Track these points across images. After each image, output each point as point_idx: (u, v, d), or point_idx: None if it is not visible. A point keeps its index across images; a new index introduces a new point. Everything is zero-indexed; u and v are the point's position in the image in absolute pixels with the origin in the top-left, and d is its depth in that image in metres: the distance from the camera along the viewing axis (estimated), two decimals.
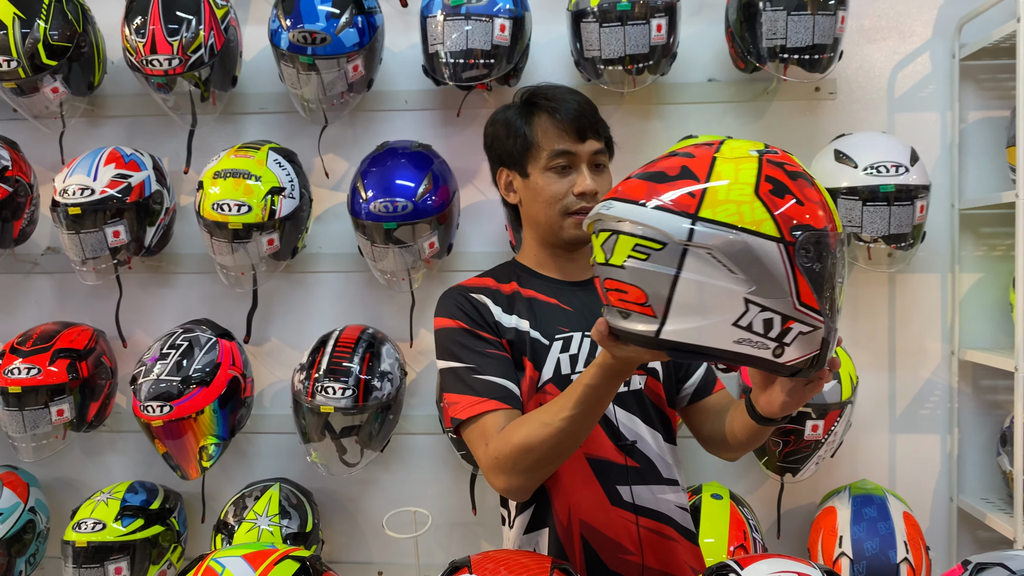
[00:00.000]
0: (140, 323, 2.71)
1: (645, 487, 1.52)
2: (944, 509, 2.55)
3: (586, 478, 1.50)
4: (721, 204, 1.11)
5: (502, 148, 1.58)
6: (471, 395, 1.45)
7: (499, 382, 1.46)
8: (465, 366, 1.47)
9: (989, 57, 2.47)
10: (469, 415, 1.44)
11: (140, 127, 2.69)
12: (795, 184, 1.13)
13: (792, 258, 1.10)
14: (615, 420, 1.52)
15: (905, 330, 2.56)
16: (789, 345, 1.12)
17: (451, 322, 1.52)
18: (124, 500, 2.44)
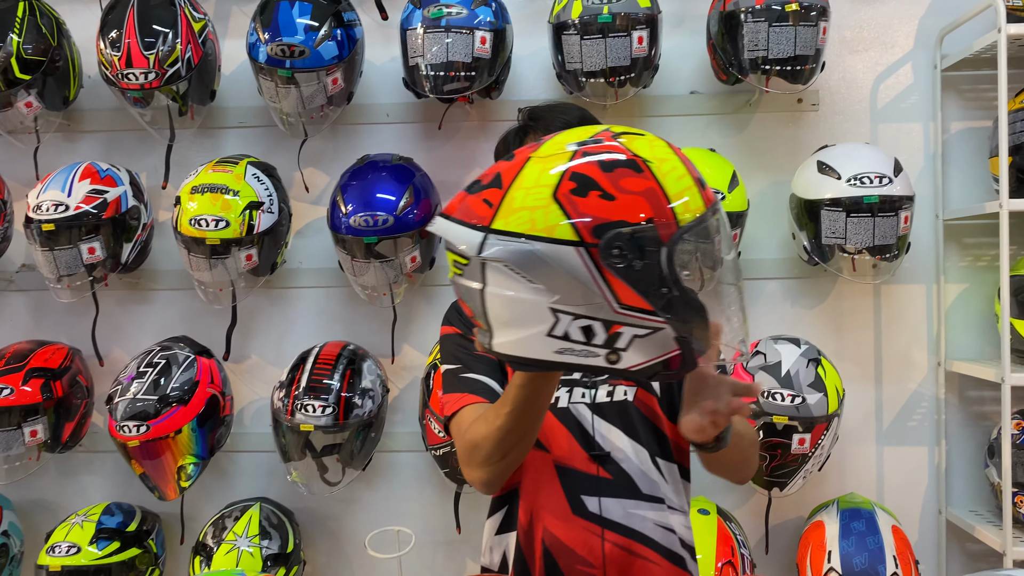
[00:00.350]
0: (117, 341, 2.66)
1: (616, 501, 1.48)
2: (932, 522, 2.53)
3: (550, 484, 1.49)
4: (515, 212, 1.08)
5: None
6: (456, 392, 1.48)
7: (481, 379, 1.47)
8: (455, 366, 1.52)
9: (970, 68, 2.47)
10: (452, 411, 1.47)
11: (117, 142, 2.66)
12: (609, 176, 1.07)
13: (597, 261, 1.06)
14: (591, 429, 1.51)
15: (891, 342, 2.55)
16: (626, 350, 1.08)
17: (449, 329, 1.57)
18: (100, 522, 2.38)
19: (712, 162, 2.31)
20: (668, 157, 1.12)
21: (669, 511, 1.52)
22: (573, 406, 1.52)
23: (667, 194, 1.08)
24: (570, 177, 1.08)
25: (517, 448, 1.37)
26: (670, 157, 1.12)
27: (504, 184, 1.11)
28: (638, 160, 1.09)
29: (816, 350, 2.29)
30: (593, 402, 1.52)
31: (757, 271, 2.52)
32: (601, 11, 2.22)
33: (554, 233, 1.06)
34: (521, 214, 1.07)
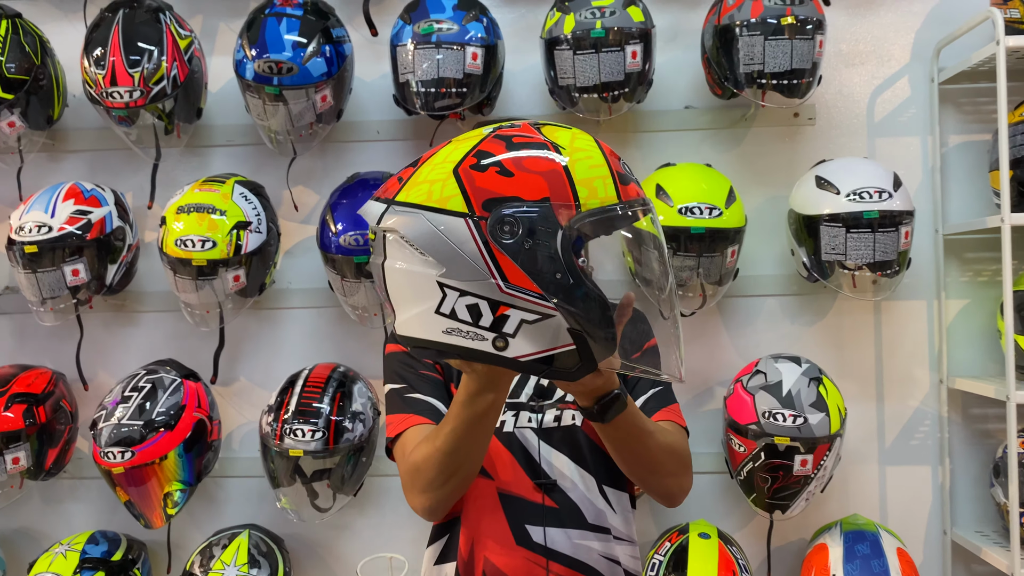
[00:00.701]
0: (103, 364, 2.60)
1: (562, 531, 1.44)
2: (937, 543, 2.48)
3: (493, 512, 1.44)
4: (417, 185, 1.08)
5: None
6: (399, 413, 1.45)
7: (425, 399, 1.44)
8: (397, 387, 1.48)
9: (968, 81, 2.44)
10: (395, 432, 1.44)
11: (102, 161, 2.61)
12: (513, 155, 1.06)
13: (486, 235, 1.03)
14: (537, 456, 1.46)
15: (892, 359, 2.50)
16: (513, 336, 1.05)
17: (393, 347, 1.53)
18: (84, 552, 2.32)
19: (709, 177, 2.28)
20: (586, 148, 1.10)
21: (616, 541, 1.49)
22: (519, 431, 1.48)
23: (572, 178, 1.05)
24: (474, 154, 1.07)
25: (460, 472, 1.33)
26: (588, 148, 1.10)
27: (419, 163, 1.13)
28: (548, 144, 1.08)
29: (817, 368, 2.25)
30: (540, 427, 1.48)
31: (755, 288, 2.47)
32: (594, 26, 2.18)
33: (447, 204, 1.05)
34: (421, 187, 1.08)
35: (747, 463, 2.20)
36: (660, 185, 2.23)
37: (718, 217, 2.17)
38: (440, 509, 1.40)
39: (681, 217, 2.16)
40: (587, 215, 1.05)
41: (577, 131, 1.14)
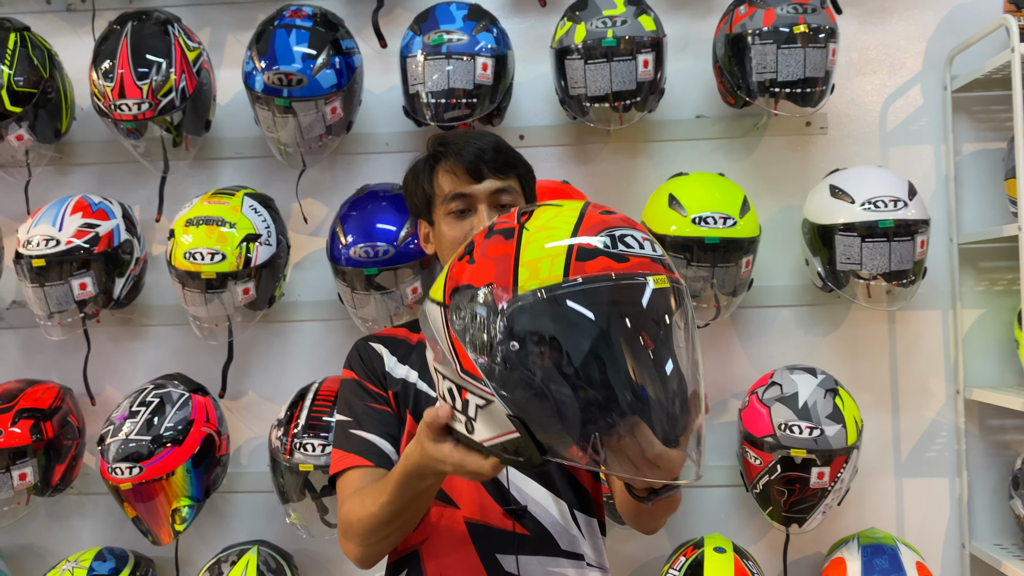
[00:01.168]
0: (110, 379, 2.58)
1: (535, 559, 1.40)
2: (956, 556, 2.44)
3: (461, 544, 1.39)
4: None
5: (411, 199, 1.56)
6: (342, 450, 1.43)
7: (369, 438, 1.41)
8: (345, 419, 1.46)
9: (982, 89, 2.42)
10: (335, 470, 1.42)
11: (110, 175, 2.60)
12: (485, 243, 1.08)
13: (447, 320, 1.06)
14: (506, 482, 1.42)
15: (907, 369, 2.47)
16: (475, 420, 1.05)
17: (347, 372, 1.51)
18: (91, 569, 2.29)
19: (722, 187, 2.26)
20: (555, 227, 1.06)
21: (588, 568, 1.44)
22: None
23: (518, 260, 1.03)
24: (467, 245, 1.10)
25: (394, 534, 1.31)
26: (560, 225, 1.06)
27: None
28: (516, 227, 1.08)
29: (833, 380, 2.22)
30: None
31: (769, 299, 2.45)
32: (605, 35, 2.17)
33: (435, 295, 1.10)
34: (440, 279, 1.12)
35: (763, 476, 2.17)
36: (673, 195, 2.21)
37: (732, 227, 2.15)
38: (371, 561, 1.37)
39: (695, 227, 2.14)
40: (519, 299, 1.00)
41: (572, 205, 1.12)
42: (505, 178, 1.46)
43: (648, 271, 1.02)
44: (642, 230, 1.09)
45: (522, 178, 1.50)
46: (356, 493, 1.33)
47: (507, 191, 1.46)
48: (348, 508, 1.33)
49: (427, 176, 1.50)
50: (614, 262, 1.01)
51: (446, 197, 1.45)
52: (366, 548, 1.33)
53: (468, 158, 1.44)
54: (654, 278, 1.01)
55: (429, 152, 1.51)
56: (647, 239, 1.07)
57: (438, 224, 1.48)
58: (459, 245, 1.38)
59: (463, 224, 1.44)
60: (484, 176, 1.44)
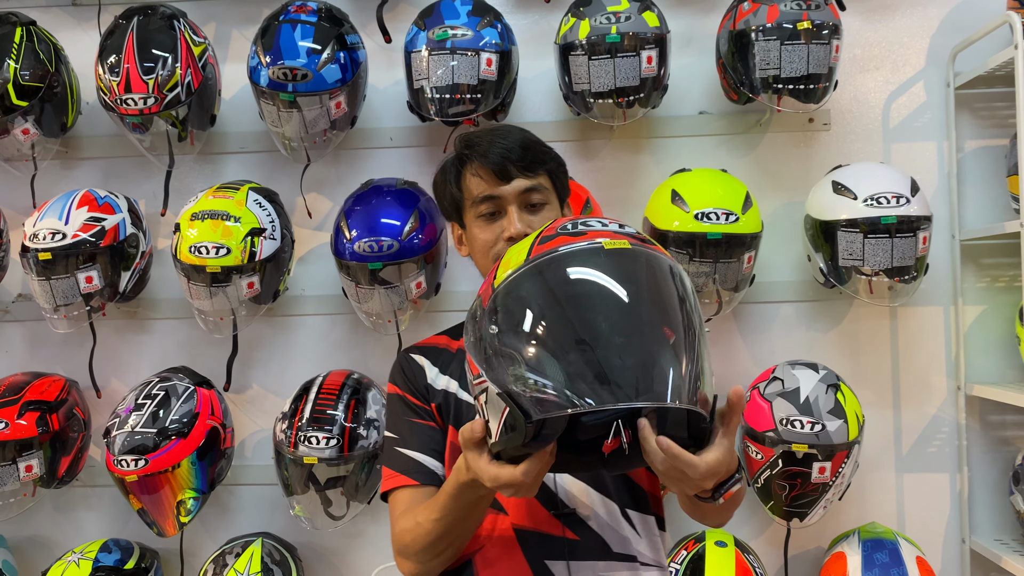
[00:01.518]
0: (115, 372, 2.59)
1: (586, 563, 1.36)
2: (956, 551, 2.45)
3: (511, 551, 1.37)
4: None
5: (441, 202, 1.55)
6: (390, 468, 1.44)
7: (415, 456, 1.41)
8: (391, 436, 1.46)
9: (984, 86, 2.42)
10: (384, 489, 1.43)
11: (115, 169, 2.61)
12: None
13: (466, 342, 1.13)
14: (554, 486, 1.39)
15: (909, 365, 2.48)
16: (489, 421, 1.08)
17: (392, 388, 1.51)
18: (97, 560, 2.31)
19: (725, 183, 2.26)
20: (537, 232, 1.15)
21: (644, 568, 1.41)
22: None
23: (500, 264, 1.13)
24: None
25: (449, 550, 1.31)
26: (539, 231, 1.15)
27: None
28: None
29: (835, 375, 2.23)
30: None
31: (771, 294, 2.46)
32: (609, 31, 2.18)
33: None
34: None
35: (764, 471, 2.18)
36: (676, 191, 2.22)
37: (735, 223, 2.16)
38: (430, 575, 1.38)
39: (697, 223, 2.15)
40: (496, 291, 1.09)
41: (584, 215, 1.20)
42: (534, 176, 1.43)
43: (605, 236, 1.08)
44: (618, 221, 1.14)
45: (552, 174, 1.47)
46: (408, 512, 1.33)
47: (536, 190, 1.43)
48: (401, 527, 1.34)
49: (455, 179, 1.48)
50: (570, 238, 1.08)
51: (475, 200, 1.44)
52: (423, 565, 1.33)
53: (494, 159, 1.41)
54: (607, 241, 1.06)
55: (455, 154, 1.49)
56: (617, 222, 1.12)
57: (469, 227, 1.47)
58: (491, 248, 1.44)
59: (494, 226, 1.43)
60: (512, 176, 1.42)
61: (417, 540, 1.30)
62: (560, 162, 1.50)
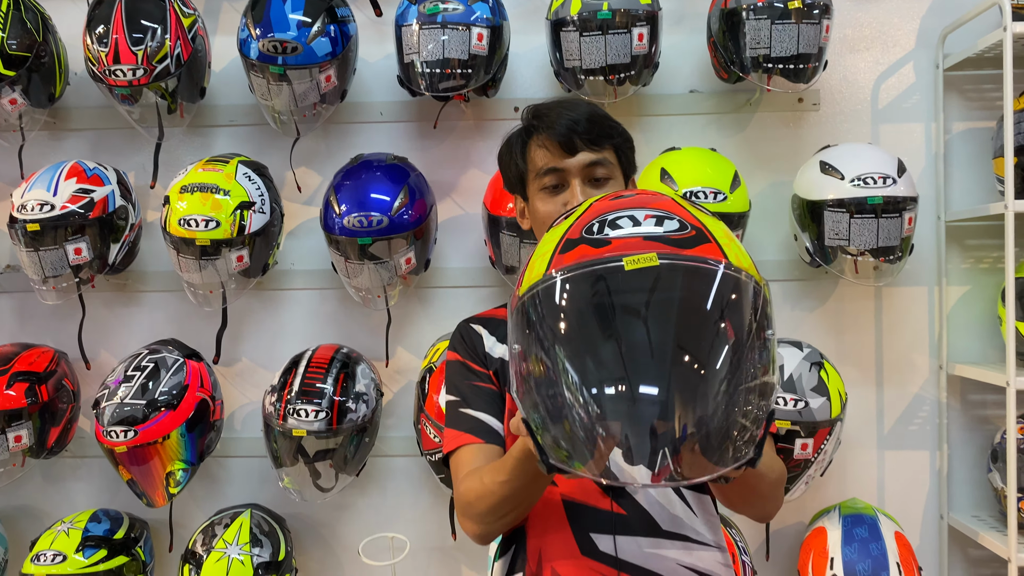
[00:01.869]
0: (104, 343, 2.60)
1: (632, 539, 1.33)
2: (934, 527, 2.50)
3: (558, 522, 1.35)
4: None
5: (506, 174, 1.52)
6: (454, 429, 1.41)
7: (478, 416, 1.39)
8: (454, 399, 1.44)
9: (973, 67, 2.44)
10: (448, 449, 1.41)
11: (104, 140, 2.60)
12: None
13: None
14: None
15: (892, 344, 2.51)
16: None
17: (452, 355, 1.48)
18: (86, 530, 2.33)
19: (714, 162, 2.28)
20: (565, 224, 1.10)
21: (698, 547, 1.36)
22: None
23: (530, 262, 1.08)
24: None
25: (514, 512, 1.30)
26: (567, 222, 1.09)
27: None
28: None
29: (819, 354, 2.26)
30: None
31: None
32: (601, 7, 2.18)
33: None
34: None
35: None
36: (665, 169, 2.23)
37: (723, 202, 2.17)
38: (492, 537, 1.35)
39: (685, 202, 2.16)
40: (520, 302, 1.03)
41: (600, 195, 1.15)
42: (600, 150, 1.41)
43: (630, 251, 0.95)
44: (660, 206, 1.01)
45: (618, 149, 1.45)
46: (474, 472, 1.32)
47: (601, 164, 1.41)
48: (467, 487, 1.31)
49: (520, 151, 1.46)
50: (592, 248, 0.97)
51: (539, 172, 1.42)
52: (485, 526, 1.31)
53: (560, 131, 1.40)
54: (631, 258, 0.94)
55: (523, 125, 1.48)
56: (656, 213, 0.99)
57: (532, 199, 1.45)
58: (550, 220, 1.36)
59: (556, 199, 1.41)
60: (577, 149, 1.40)
61: (482, 500, 1.28)
62: (627, 137, 1.48)
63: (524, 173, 1.46)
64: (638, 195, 1.09)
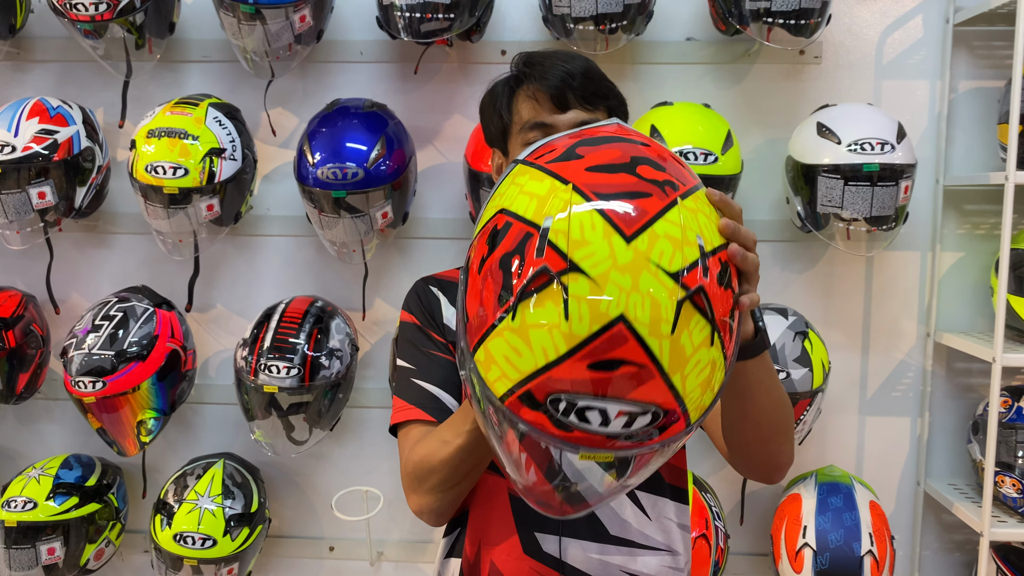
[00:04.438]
0: (75, 286, 2.54)
1: (578, 542, 1.27)
2: (910, 493, 2.49)
3: (502, 515, 1.29)
4: None
5: (487, 125, 1.39)
6: (404, 400, 1.33)
7: (430, 389, 1.31)
8: (407, 366, 1.35)
9: (985, 23, 2.31)
10: (396, 420, 1.33)
11: (71, 73, 2.48)
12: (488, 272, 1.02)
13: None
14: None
15: (880, 310, 2.46)
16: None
17: (407, 316, 1.39)
18: (57, 477, 2.31)
19: (706, 120, 2.17)
20: (536, 339, 0.97)
21: (646, 552, 1.31)
22: None
23: (487, 335, 0.99)
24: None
25: (473, 472, 1.23)
26: (542, 338, 0.97)
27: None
28: (512, 300, 0.96)
29: (804, 322, 2.20)
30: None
31: None
32: None
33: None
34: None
35: None
36: (655, 126, 2.13)
37: (714, 163, 2.08)
38: (448, 512, 1.30)
39: None
40: (471, 366, 1.00)
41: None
42: (593, 110, 1.29)
43: (590, 447, 0.89)
44: (634, 357, 0.86)
45: (613, 111, 1.33)
46: (426, 439, 1.24)
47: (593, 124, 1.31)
48: (418, 457, 1.23)
49: (506, 101, 1.33)
50: (551, 426, 0.89)
51: (524, 125, 1.30)
52: (442, 494, 1.24)
53: (553, 83, 1.28)
54: (587, 454, 0.90)
55: (512, 73, 1.35)
56: (629, 412, 0.87)
57: (512, 155, 1.32)
58: None
59: None
60: (570, 105, 1.28)
61: (445, 461, 1.19)
62: (623, 101, 1.36)
63: (508, 125, 1.33)
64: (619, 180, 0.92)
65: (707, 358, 0.89)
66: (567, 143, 0.99)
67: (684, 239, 0.88)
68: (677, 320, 0.85)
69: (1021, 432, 2.18)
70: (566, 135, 1.03)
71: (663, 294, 0.85)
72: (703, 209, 0.94)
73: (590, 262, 0.85)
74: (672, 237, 0.87)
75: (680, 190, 0.93)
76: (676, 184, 0.93)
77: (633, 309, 0.84)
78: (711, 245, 0.92)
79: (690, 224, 0.90)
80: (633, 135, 1.01)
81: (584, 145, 0.97)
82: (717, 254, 0.92)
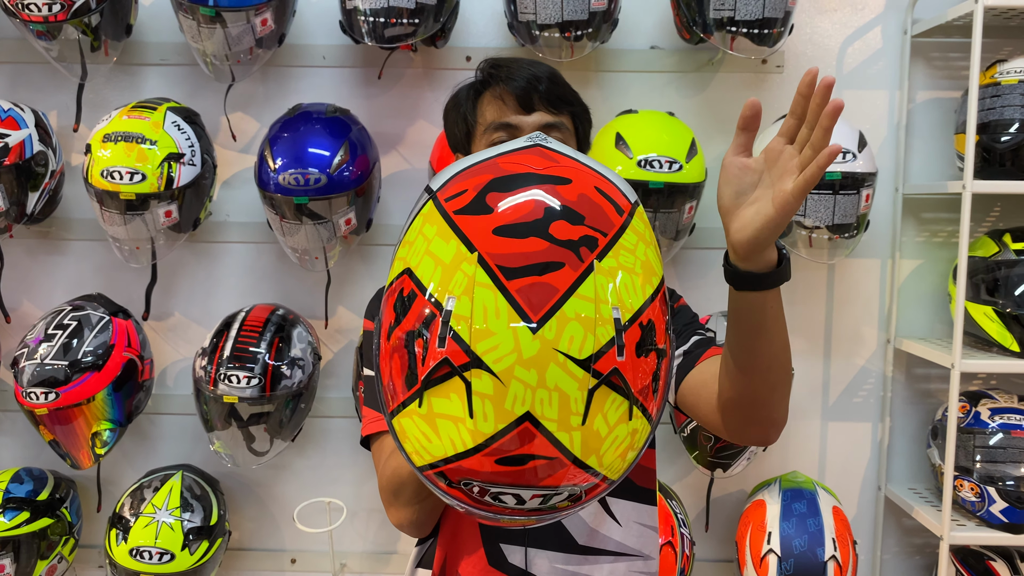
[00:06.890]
0: (27, 293, 2.47)
1: (544, 553, 1.25)
2: (872, 498, 2.52)
3: (469, 526, 1.27)
4: None
5: (451, 130, 1.37)
6: (375, 410, 1.29)
7: None
8: (373, 375, 1.32)
9: (942, 35, 2.35)
10: (368, 432, 1.29)
11: (23, 75, 2.41)
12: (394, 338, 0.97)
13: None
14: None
15: (842, 316, 2.48)
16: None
17: (368, 324, 1.37)
18: (7, 491, 2.24)
19: (671, 128, 2.18)
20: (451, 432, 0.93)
21: (613, 559, 1.29)
22: None
23: (401, 408, 0.95)
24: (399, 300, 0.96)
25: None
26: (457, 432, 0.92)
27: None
28: (418, 384, 0.90)
29: None
30: None
31: (711, 240, 2.40)
32: None
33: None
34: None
35: (691, 421, 2.18)
36: (620, 134, 2.13)
37: (678, 172, 2.09)
38: (429, 523, 1.27)
39: (640, 170, 2.07)
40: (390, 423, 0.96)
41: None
42: (557, 113, 1.29)
43: (508, 516, 0.87)
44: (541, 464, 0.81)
45: (576, 118, 1.33)
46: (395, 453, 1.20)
47: (557, 128, 1.29)
48: (391, 471, 1.20)
49: (471, 103, 1.32)
50: (471, 501, 0.86)
51: (489, 126, 1.28)
52: (412, 507, 1.22)
53: (520, 84, 1.27)
54: (508, 521, 0.88)
55: (478, 78, 1.34)
56: (542, 495, 0.83)
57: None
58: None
59: None
60: (534, 107, 1.27)
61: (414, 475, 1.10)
62: (586, 108, 1.36)
63: (472, 128, 1.32)
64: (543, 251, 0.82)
65: (625, 431, 0.84)
66: (482, 180, 0.88)
67: (598, 317, 0.80)
68: (588, 409, 0.80)
69: (979, 437, 2.21)
70: (484, 156, 0.93)
71: (572, 386, 0.79)
72: (625, 262, 0.84)
73: (493, 356, 0.78)
74: (583, 318, 0.79)
75: (600, 245, 0.83)
76: (595, 238, 0.83)
77: (540, 406, 0.78)
78: (630, 312, 0.82)
79: (604, 295, 0.81)
80: (551, 166, 0.89)
81: (496, 191, 0.86)
82: (637, 320, 0.83)
